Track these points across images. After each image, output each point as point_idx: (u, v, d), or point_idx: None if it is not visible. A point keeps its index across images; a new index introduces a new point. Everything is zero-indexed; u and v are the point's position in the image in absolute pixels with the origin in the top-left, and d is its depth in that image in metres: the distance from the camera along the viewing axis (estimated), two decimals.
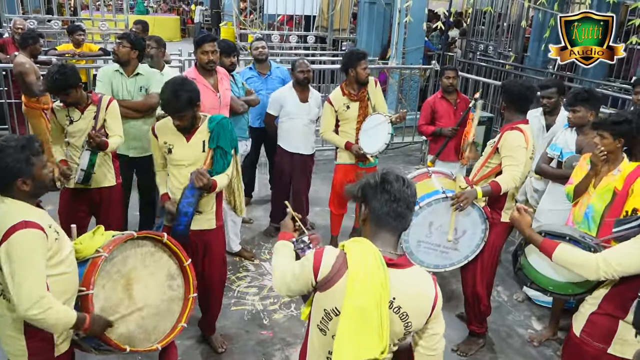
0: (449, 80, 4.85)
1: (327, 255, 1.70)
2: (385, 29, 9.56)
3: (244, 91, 4.57)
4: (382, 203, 1.67)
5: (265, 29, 10.35)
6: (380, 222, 1.69)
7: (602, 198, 2.95)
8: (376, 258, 1.63)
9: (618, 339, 2.33)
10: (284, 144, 4.69)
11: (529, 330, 3.78)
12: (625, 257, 2.21)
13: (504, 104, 3.28)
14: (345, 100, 4.24)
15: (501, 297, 4.15)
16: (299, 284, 1.77)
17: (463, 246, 3.26)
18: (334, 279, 1.66)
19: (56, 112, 3.44)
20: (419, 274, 1.74)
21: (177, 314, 2.68)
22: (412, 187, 1.69)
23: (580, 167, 3.18)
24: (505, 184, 3.10)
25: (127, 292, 2.47)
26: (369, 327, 1.58)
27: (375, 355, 1.58)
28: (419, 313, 1.70)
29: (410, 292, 1.68)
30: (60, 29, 9.19)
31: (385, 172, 1.73)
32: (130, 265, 2.49)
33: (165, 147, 2.98)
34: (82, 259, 2.32)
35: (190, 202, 2.87)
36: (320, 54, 9.91)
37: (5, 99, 6.16)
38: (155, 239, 2.60)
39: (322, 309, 1.71)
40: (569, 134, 3.71)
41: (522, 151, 3.10)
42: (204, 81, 3.82)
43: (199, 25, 18.98)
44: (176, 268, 2.69)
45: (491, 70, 9.28)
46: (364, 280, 1.59)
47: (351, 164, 4.37)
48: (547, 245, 2.42)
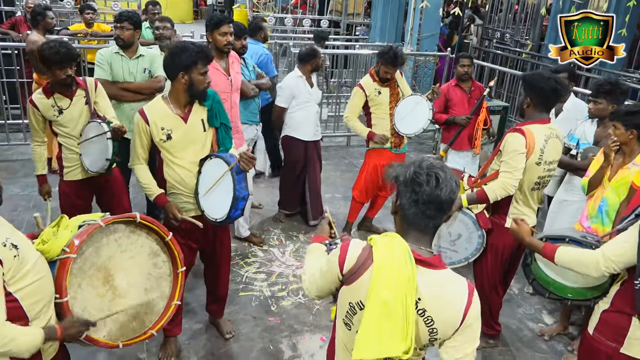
0: (463, 69, 4.76)
1: (353, 248, 1.63)
2: (400, 14, 9.41)
3: (255, 74, 4.51)
4: (410, 203, 1.56)
5: (278, 12, 10.24)
6: (409, 220, 1.60)
7: (616, 191, 2.89)
8: (404, 253, 1.53)
9: (630, 338, 2.26)
10: (297, 134, 4.62)
11: (540, 324, 3.73)
12: (619, 248, 2.20)
13: (528, 101, 2.89)
14: (376, 85, 4.29)
15: (512, 290, 4.10)
16: (327, 281, 1.71)
17: (461, 249, 3.18)
18: (359, 272, 1.59)
19: (38, 104, 3.17)
20: (453, 278, 1.60)
21: (168, 291, 2.56)
22: (447, 186, 1.54)
23: (597, 160, 3.11)
24: (492, 193, 2.90)
25: (108, 283, 2.32)
26: (392, 322, 1.49)
27: (398, 354, 1.48)
28: (446, 320, 1.55)
29: (438, 295, 1.55)
30: (73, 8, 9.15)
31: (418, 168, 1.57)
32: (105, 255, 2.32)
33: (164, 133, 2.75)
34: (50, 260, 2.15)
35: (243, 185, 2.70)
36: (334, 39, 9.79)
37: (17, 78, 6.16)
38: (128, 221, 2.40)
39: (347, 303, 1.64)
40: (588, 125, 3.62)
41: (519, 157, 2.81)
42: (215, 64, 3.75)
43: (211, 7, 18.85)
44: (157, 245, 2.52)
45: (507, 59, 9.12)
46: (390, 274, 1.50)
47: (384, 148, 4.39)
48: (548, 249, 2.41)
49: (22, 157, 5.97)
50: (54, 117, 3.21)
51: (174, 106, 2.79)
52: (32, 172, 5.51)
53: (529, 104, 2.90)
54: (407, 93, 4.40)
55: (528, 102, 2.90)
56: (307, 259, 1.90)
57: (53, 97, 3.19)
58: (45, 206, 3.53)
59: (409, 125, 4.29)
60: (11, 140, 6.20)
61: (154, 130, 2.75)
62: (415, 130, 4.30)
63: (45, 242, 2.18)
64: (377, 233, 4.84)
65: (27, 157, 5.92)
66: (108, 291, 2.33)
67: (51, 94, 3.19)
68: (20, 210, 4.75)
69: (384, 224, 4.94)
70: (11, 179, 5.38)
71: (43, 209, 3.71)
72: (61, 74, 3.10)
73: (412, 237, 1.60)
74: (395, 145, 4.40)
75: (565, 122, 4.09)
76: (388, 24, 9.30)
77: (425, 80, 8.10)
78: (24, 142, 6.14)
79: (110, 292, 2.33)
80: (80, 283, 2.23)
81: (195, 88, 2.72)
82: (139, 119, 2.77)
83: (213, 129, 2.89)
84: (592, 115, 3.57)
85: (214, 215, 2.77)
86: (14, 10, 8.06)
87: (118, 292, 2.36)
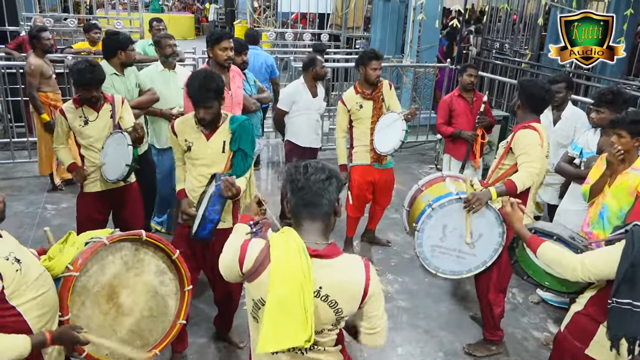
0: (470, 78, 4.79)
1: (251, 248, 1.75)
2: (399, 26, 9.50)
3: (256, 89, 4.57)
4: (291, 196, 1.73)
5: (279, 27, 10.34)
6: (295, 212, 1.75)
7: (616, 197, 2.90)
8: (299, 249, 1.66)
9: (596, 342, 2.30)
10: (295, 139, 4.70)
11: (545, 333, 3.72)
12: (599, 261, 2.21)
13: (519, 103, 3.18)
14: (358, 98, 4.19)
15: (516, 299, 4.09)
16: (232, 272, 1.82)
17: (480, 251, 3.13)
18: (258, 271, 1.71)
19: (67, 114, 3.38)
20: (348, 261, 1.76)
21: (174, 310, 2.56)
22: (318, 172, 1.71)
23: (597, 167, 3.11)
24: (521, 182, 3.01)
25: (113, 301, 2.33)
26: (291, 316, 1.62)
27: (299, 343, 1.62)
28: (349, 299, 1.72)
29: (337, 280, 1.71)
30: (76, 27, 9.27)
31: (289, 165, 1.78)
32: (111, 273, 2.33)
33: (185, 144, 2.97)
34: (55, 277, 2.17)
35: (216, 209, 2.82)
36: (334, 52, 9.88)
37: (22, 97, 6.24)
38: (134, 238, 2.41)
39: (251, 299, 1.78)
40: (590, 135, 3.64)
41: (537, 148, 3.03)
42: None
43: (213, 24, 19.08)
44: (164, 263, 2.53)
45: (507, 69, 9.17)
46: (285, 272, 1.63)
47: (366, 164, 4.31)
48: (533, 241, 2.44)
49: (27, 175, 6.02)
50: (80, 127, 3.38)
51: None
52: (37, 189, 5.62)
53: (519, 106, 3.19)
54: (396, 108, 4.28)
55: (519, 105, 3.19)
56: (228, 240, 1.99)
57: (82, 108, 3.39)
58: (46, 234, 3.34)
59: (383, 142, 4.15)
60: (16, 158, 6.25)
61: (180, 141, 3.01)
62: (387, 149, 4.12)
63: (51, 258, 2.21)
64: (380, 244, 4.83)
65: (32, 175, 5.97)
66: (112, 309, 2.33)
67: (80, 105, 3.39)
68: (26, 227, 4.78)
69: (387, 235, 4.95)
70: (16, 196, 5.42)
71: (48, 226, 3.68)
72: (88, 94, 3.31)
73: (304, 230, 1.74)
74: (374, 160, 4.28)
75: (563, 130, 4.13)
76: (387, 36, 9.38)
77: (425, 91, 8.15)
78: (28, 159, 6.19)
79: (114, 310, 2.34)
80: (84, 301, 2.24)
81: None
82: (169, 129, 3.07)
83: (231, 152, 2.98)
84: (594, 124, 3.59)
85: (193, 228, 2.91)
86: (19, 30, 8.18)
87: (122, 310, 2.36)
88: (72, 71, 3.32)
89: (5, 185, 5.74)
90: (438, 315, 3.87)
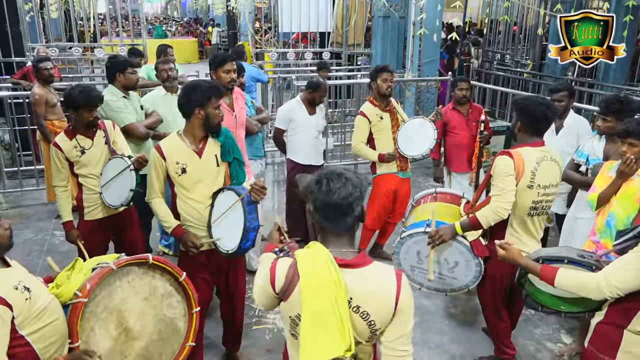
0: (462, 92, 4.84)
1: (279, 268, 1.73)
2: (400, 42, 9.56)
3: (255, 109, 4.61)
4: (314, 210, 1.69)
5: (280, 47, 10.44)
6: (320, 226, 1.72)
7: (623, 205, 2.87)
8: (327, 260, 1.64)
9: (623, 351, 2.21)
10: (295, 157, 4.71)
11: (558, 344, 3.67)
12: (622, 274, 2.12)
13: (519, 125, 2.90)
14: (377, 110, 4.36)
15: (528, 311, 4.03)
16: (267, 296, 1.80)
17: (460, 275, 3.10)
18: (289, 289, 1.69)
19: (62, 146, 3.30)
20: (378, 269, 1.71)
21: (183, 332, 2.55)
22: (340, 190, 1.63)
23: (602, 174, 3.09)
24: (484, 218, 2.84)
25: (122, 326, 2.33)
26: (328, 328, 1.60)
27: (340, 353, 1.60)
28: (381, 311, 1.66)
29: (367, 291, 1.66)
30: (81, 56, 9.40)
31: (317, 175, 1.70)
32: (119, 298, 2.33)
33: (179, 167, 2.84)
34: (64, 304, 2.17)
35: (254, 217, 2.74)
36: (336, 70, 9.94)
37: (29, 126, 6.32)
38: (140, 262, 2.42)
39: (289, 317, 1.75)
40: (596, 142, 3.62)
41: (509, 179, 2.77)
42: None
43: (216, 47, 19.31)
44: (171, 285, 2.53)
45: (509, 80, 9.19)
46: (315, 285, 1.62)
47: (393, 172, 4.43)
48: (547, 272, 2.34)
49: (35, 203, 6.07)
50: (77, 157, 3.34)
51: (189, 141, 2.90)
52: (45, 216, 5.66)
53: (519, 128, 2.91)
54: (405, 119, 4.44)
55: (519, 127, 2.91)
56: (258, 271, 1.96)
57: (75, 138, 3.34)
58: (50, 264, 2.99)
59: (413, 147, 4.31)
60: (24, 186, 6.31)
61: (170, 165, 2.85)
62: (421, 151, 4.28)
63: (59, 285, 2.21)
64: (389, 260, 4.83)
65: (40, 202, 6.02)
66: (121, 334, 2.32)
67: (73, 136, 3.34)
68: (34, 255, 4.80)
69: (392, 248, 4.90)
70: (24, 224, 5.46)
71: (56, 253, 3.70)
72: (89, 116, 3.27)
73: (330, 242, 1.71)
74: (401, 168, 4.44)
75: (566, 138, 4.11)
76: (388, 52, 9.43)
77: (428, 105, 8.17)
78: (36, 187, 6.25)
79: (123, 335, 2.33)
80: (93, 327, 2.24)
81: (211, 121, 2.85)
82: (155, 154, 2.86)
83: (226, 164, 2.98)
84: (600, 132, 3.56)
85: (225, 247, 2.81)
86: (25, 60, 8.30)
87: (131, 335, 2.35)
88: (71, 94, 3.24)
89: (14, 213, 5.79)
90: (450, 329, 3.83)
